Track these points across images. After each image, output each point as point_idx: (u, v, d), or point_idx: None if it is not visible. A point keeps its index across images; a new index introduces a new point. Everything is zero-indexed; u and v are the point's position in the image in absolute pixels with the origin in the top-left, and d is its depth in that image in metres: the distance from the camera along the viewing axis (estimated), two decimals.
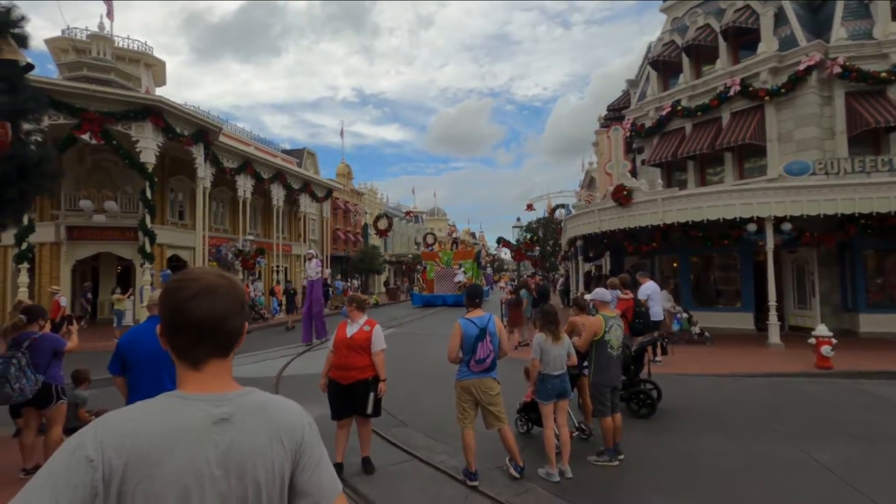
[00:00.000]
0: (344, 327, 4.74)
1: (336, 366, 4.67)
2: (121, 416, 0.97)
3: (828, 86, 14.10)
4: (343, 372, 4.63)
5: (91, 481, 0.87)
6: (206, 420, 0.98)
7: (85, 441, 0.91)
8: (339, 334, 4.70)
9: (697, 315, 14.58)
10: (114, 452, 0.90)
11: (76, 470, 0.87)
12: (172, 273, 16.61)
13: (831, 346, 9.04)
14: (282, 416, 1.08)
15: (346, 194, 40.24)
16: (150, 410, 0.99)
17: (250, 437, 1.00)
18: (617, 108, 23.23)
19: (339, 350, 4.66)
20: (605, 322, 5.14)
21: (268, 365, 10.84)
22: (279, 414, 1.08)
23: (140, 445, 0.91)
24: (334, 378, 4.70)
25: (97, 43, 19.50)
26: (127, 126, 15.67)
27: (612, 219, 13.65)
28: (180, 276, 1.12)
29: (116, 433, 0.92)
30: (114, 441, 0.90)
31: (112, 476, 0.89)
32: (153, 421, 0.95)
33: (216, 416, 0.99)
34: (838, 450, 5.32)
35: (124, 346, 3.49)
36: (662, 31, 18.73)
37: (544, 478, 4.58)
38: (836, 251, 13.40)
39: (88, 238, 17.64)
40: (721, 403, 7.29)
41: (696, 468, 4.94)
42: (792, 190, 11.14)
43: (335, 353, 4.71)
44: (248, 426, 1.01)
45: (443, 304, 26.84)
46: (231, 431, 0.99)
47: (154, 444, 0.92)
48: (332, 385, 4.72)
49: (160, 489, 0.91)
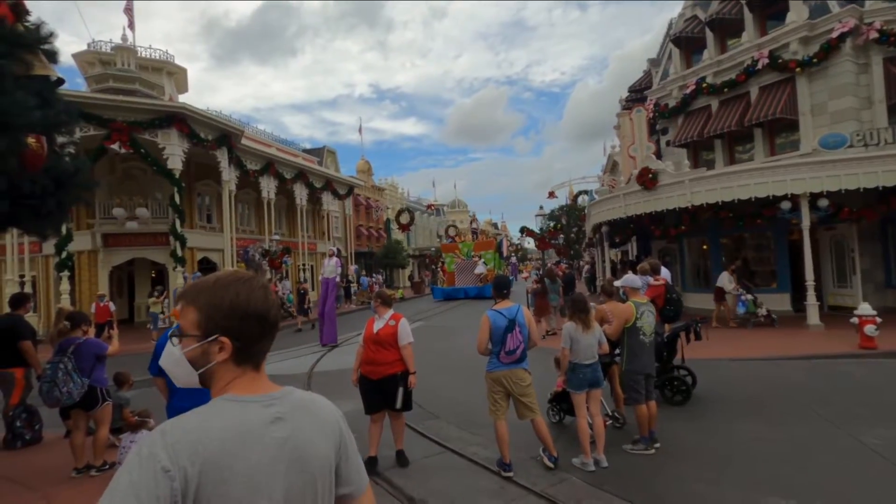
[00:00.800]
0: (372, 323, 4.79)
1: (365, 361, 4.74)
2: (185, 425, 0.97)
3: (864, 53, 13.41)
4: (372, 367, 4.68)
5: (171, 492, 0.89)
6: (264, 420, 1.02)
7: (157, 451, 0.91)
8: (368, 330, 4.77)
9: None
10: (187, 461, 0.91)
11: (157, 481, 0.88)
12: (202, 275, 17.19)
13: (875, 325, 8.67)
14: (323, 413, 1.14)
15: (367, 190, 40.52)
16: (211, 416, 1.00)
17: (303, 433, 1.06)
18: (639, 88, 22.66)
19: (368, 345, 4.72)
20: (636, 308, 5.04)
21: (299, 362, 11.05)
22: (321, 410, 1.14)
23: (211, 451, 0.93)
24: (365, 374, 4.75)
25: (121, 54, 20.05)
26: (153, 134, 16.11)
27: (637, 203, 13.36)
28: (225, 272, 1.13)
29: (186, 441, 0.93)
30: (186, 450, 0.92)
31: (188, 484, 0.90)
32: (217, 426, 0.98)
33: (272, 416, 1.03)
34: (888, 433, 5.10)
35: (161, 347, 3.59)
36: (684, 7, 18.12)
37: (579, 467, 4.53)
38: (878, 226, 12.81)
39: (123, 245, 18.27)
40: (759, 388, 7.09)
41: (735, 455, 4.82)
42: (828, 164, 10.67)
43: (364, 349, 4.77)
44: (299, 423, 1.06)
45: (464, 296, 26.25)
46: (286, 429, 1.03)
47: (223, 448, 0.95)
48: (364, 380, 4.76)
49: (236, 491, 0.94)
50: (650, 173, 12.74)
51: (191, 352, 1.07)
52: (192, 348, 1.07)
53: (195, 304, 1.08)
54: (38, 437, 5.94)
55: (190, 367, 1.08)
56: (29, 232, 6.11)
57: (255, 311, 1.08)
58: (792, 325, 11.61)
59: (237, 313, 1.07)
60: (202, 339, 1.06)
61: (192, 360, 1.08)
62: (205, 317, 1.07)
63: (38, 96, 4.48)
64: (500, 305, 4.55)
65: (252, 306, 1.08)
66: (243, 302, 1.07)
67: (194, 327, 1.07)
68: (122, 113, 15.59)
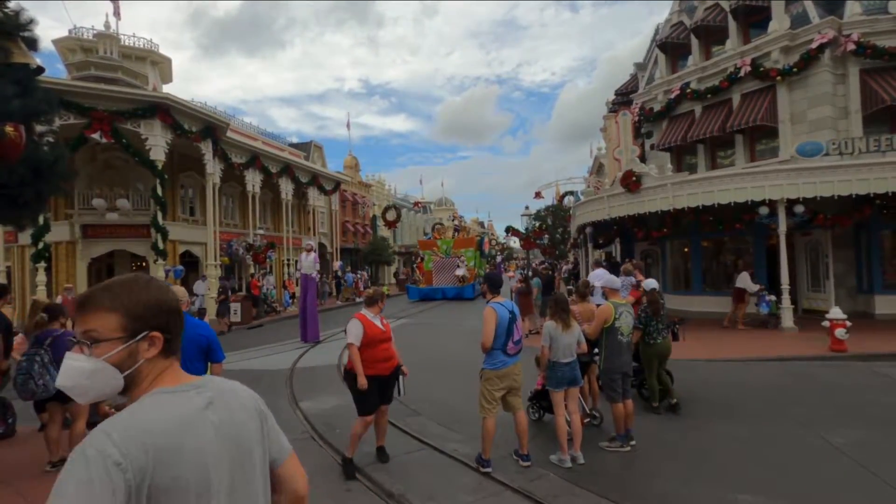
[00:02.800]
0: (370, 322, 4.69)
1: (379, 359, 4.67)
2: (128, 421, 1.01)
3: (842, 63, 13.77)
4: (387, 363, 4.73)
5: (125, 484, 0.93)
6: (199, 406, 1.10)
7: (105, 448, 0.94)
8: (373, 329, 4.67)
9: (709, 300, 14.53)
10: (139, 452, 0.95)
11: (110, 476, 0.92)
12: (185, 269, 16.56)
13: (845, 328, 8.95)
14: (243, 395, 1.24)
15: (354, 186, 40.30)
16: (151, 409, 1.05)
17: (232, 414, 1.15)
18: (625, 92, 22.91)
19: (377, 344, 4.65)
20: (615, 309, 5.15)
21: (281, 357, 11.00)
22: (241, 394, 1.24)
23: (158, 440, 0.99)
24: (377, 373, 4.64)
25: (104, 42, 19.60)
26: (136, 124, 15.81)
27: (621, 205, 13.55)
28: (135, 274, 1.22)
29: (133, 435, 0.97)
30: (135, 443, 0.96)
31: (143, 474, 0.95)
32: (160, 417, 1.03)
33: (205, 402, 1.12)
34: (853, 434, 5.29)
35: None
36: (670, 13, 18.38)
37: (556, 464, 4.63)
38: (852, 232, 13.20)
39: (103, 236, 17.90)
40: (733, 388, 7.28)
41: (708, 453, 4.96)
42: (805, 171, 10.96)
43: (372, 349, 4.62)
44: (227, 405, 1.15)
45: (442, 297, 24.79)
46: (218, 412, 1.12)
47: (168, 436, 1.01)
48: (373, 380, 4.61)
49: (187, 473, 1.01)
50: (634, 176, 12.93)
51: (117, 355, 1.08)
52: (117, 351, 1.08)
53: (114, 307, 1.09)
54: (11, 431, 5.83)
55: (111, 374, 1.08)
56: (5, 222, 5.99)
57: (174, 306, 1.17)
58: (767, 328, 11.90)
59: (163, 308, 1.15)
60: (128, 339, 1.09)
61: (118, 363, 1.08)
62: (131, 317, 1.10)
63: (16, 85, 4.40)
64: (498, 299, 4.61)
65: (170, 302, 1.17)
66: (164, 298, 1.16)
67: (116, 331, 1.08)
68: (104, 102, 15.27)
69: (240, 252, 21.20)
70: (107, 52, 19.36)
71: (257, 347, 12.49)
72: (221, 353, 3.80)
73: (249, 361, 10.81)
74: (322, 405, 6.97)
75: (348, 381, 4.76)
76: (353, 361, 4.60)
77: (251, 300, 18.61)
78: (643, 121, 18.57)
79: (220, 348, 3.78)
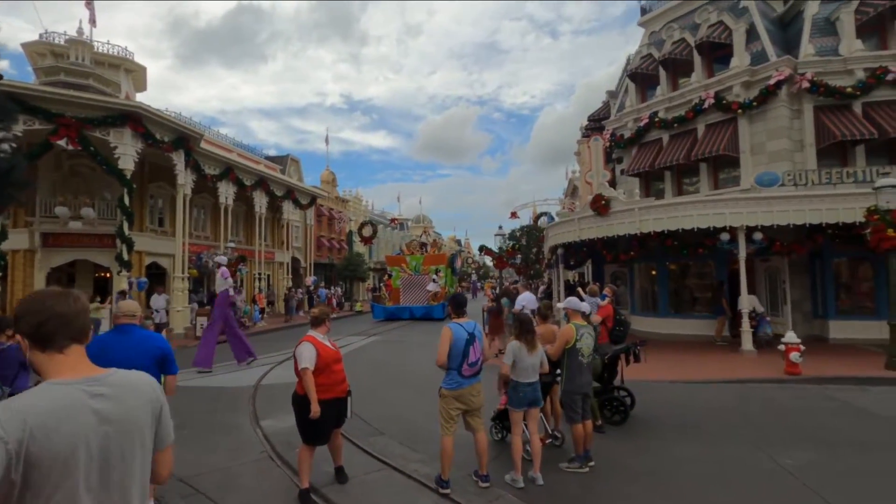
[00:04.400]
0: (321, 344, 4.53)
1: (337, 381, 4.53)
2: (13, 405, 1.24)
3: (797, 100, 14.58)
4: (341, 385, 4.57)
5: (5, 454, 1.16)
6: (85, 395, 1.34)
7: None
8: (326, 350, 4.51)
9: (675, 322, 14.91)
10: (17, 427, 1.18)
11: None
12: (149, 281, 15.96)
13: (800, 352, 9.30)
14: (143, 387, 1.49)
15: (331, 201, 40.09)
16: (38, 397, 1.29)
17: (123, 403, 1.40)
18: (598, 118, 23.66)
19: (332, 365, 4.49)
20: (576, 330, 5.25)
21: (246, 374, 10.74)
22: (141, 386, 1.49)
23: (38, 420, 1.22)
24: (333, 396, 4.46)
25: (76, 48, 19.24)
26: (105, 132, 15.48)
27: (591, 227, 13.87)
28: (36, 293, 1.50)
29: (16, 416, 1.20)
30: (16, 420, 1.19)
31: (20, 444, 1.18)
32: (43, 403, 1.27)
33: (93, 392, 1.36)
34: (802, 455, 5.48)
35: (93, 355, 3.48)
36: (641, 45, 19.17)
37: (510, 484, 4.64)
38: (807, 260, 13.80)
39: (64, 245, 17.30)
40: (692, 409, 7.45)
41: (665, 474, 5.05)
42: (763, 200, 11.47)
43: (328, 372, 4.43)
44: (120, 396, 1.40)
45: (409, 317, 23.59)
46: (105, 401, 1.36)
47: (48, 417, 1.24)
48: (326, 405, 4.37)
49: (58, 447, 1.24)
50: (603, 200, 13.29)
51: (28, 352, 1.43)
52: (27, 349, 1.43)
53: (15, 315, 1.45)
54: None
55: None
56: None
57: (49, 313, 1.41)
58: (728, 350, 12.27)
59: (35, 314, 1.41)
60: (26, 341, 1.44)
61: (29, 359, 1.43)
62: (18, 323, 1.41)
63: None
64: (460, 320, 4.63)
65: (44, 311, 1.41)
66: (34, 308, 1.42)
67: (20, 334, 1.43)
68: (73, 108, 14.93)
69: (209, 265, 20.74)
70: (79, 58, 19.01)
71: (222, 364, 12.17)
72: (175, 367, 3.77)
73: (212, 378, 10.52)
74: (284, 423, 6.81)
75: (297, 407, 4.48)
76: (306, 388, 4.32)
77: None
78: (614, 146, 19.17)
79: (174, 361, 3.75)
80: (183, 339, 16.47)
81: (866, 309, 13.16)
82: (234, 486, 4.86)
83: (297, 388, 4.53)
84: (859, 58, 14.12)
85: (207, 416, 7.33)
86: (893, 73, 13.65)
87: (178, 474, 4.99)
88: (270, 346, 14.92)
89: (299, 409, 4.46)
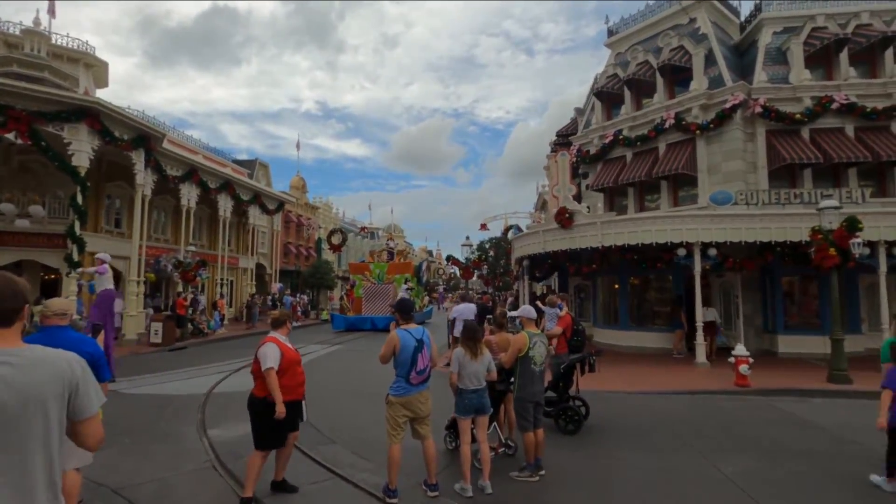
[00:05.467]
0: (284, 345, 4.50)
1: (298, 383, 4.57)
2: None
3: (751, 123, 15.31)
4: (301, 388, 4.61)
5: None
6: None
7: None
8: (289, 352, 4.49)
9: (635, 335, 15.24)
10: None
11: None
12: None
13: (748, 365, 9.64)
14: (56, 363, 1.59)
15: (300, 208, 39.48)
16: None
17: (30, 375, 1.51)
18: (565, 134, 24.21)
19: (294, 367, 4.50)
20: (529, 339, 5.28)
21: (199, 382, 10.35)
22: (55, 361, 1.59)
23: None
24: (294, 398, 4.48)
25: (31, 39, 18.45)
26: (59, 127, 14.82)
27: (555, 240, 14.11)
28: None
29: None
30: None
31: None
32: None
33: (1, 361, 1.49)
34: (743, 463, 5.66)
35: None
36: (607, 65, 19.79)
37: (459, 493, 4.60)
38: (759, 276, 14.39)
39: (8, 244, 16.39)
40: (644, 420, 7.60)
41: (613, 483, 5.12)
42: (717, 218, 11.94)
43: (290, 373, 4.43)
44: (29, 368, 1.52)
45: (371, 327, 22.65)
46: (14, 371, 1.49)
47: None
48: (289, 406, 4.37)
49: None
50: (567, 213, 13.56)
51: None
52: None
53: None
54: None
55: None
56: None
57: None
58: (683, 362, 12.61)
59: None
60: None
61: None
62: None
63: None
64: (408, 326, 4.59)
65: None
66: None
67: None
68: (24, 101, 14.24)
69: (168, 268, 20.03)
70: (34, 49, 18.24)
71: (175, 370, 11.71)
72: (107, 373, 3.59)
73: (162, 385, 10.09)
74: (232, 432, 6.59)
75: (254, 410, 4.40)
76: (271, 388, 4.26)
77: (175, 320, 17.50)
78: (580, 162, 19.63)
79: (104, 367, 3.57)
80: (135, 346, 15.78)
81: (812, 324, 13.80)
82: (169, 496, 4.65)
83: (255, 391, 4.46)
84: (807, 86, 14.98)
85: (151, 425, 7.02)
86: (837, 102, 14.53)
87: (111, 484, 4.75)
88: (228, 354, 14.47)
89: (256, 412, 4.40)
